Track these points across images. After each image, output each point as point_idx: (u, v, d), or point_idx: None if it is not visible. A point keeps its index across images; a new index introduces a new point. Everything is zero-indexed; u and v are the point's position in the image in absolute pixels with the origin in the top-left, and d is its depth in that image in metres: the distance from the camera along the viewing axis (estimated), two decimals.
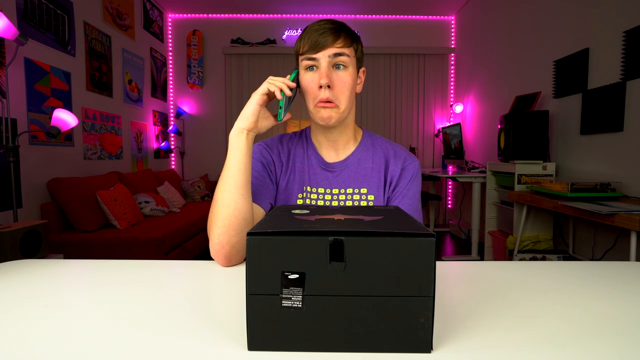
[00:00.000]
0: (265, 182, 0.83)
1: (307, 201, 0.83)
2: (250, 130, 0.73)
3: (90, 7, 3.00)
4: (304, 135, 0.90)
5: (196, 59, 4.52)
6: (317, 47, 0.74)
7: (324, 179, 0.84)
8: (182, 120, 4.58)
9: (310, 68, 0.77)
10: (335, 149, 0.85)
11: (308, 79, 0.77)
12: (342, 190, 0.83)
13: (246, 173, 0.71)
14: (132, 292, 0.55)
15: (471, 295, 0.55)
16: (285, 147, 0.88)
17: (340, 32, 0.76)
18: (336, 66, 0.76)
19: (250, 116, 0.72)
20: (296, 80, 0.78)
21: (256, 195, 0.80)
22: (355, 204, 0.82)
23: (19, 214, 2.21)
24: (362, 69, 0.84)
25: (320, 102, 0.76)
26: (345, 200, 0.82)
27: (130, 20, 3.61)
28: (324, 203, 0.82)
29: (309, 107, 0.80)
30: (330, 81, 0.75)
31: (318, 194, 0.83)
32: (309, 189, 0.83)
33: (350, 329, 0.36)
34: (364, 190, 0.83)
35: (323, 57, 0.75)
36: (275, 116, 0.79)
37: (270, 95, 0.74)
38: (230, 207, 0.69)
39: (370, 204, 0.82)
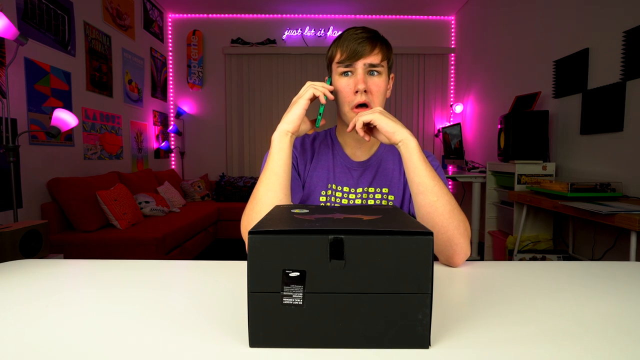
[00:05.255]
0: (296, 179, 0.85)
1: (332, 199, 0.85)
2: (294, 133, 0.75)
3: (90, 7, 3.00)
4: (328, 135, 0.93)
5: (196, 59, 4.53)
6: (356, 56, 0.77)
7: (349, 178, 0.87)
8: (182, 120, 4.59)
9: (345, 74, 0.80)
10: (361, 149, 0.88)
11: (343, 84, 0.80)
12: (365, 189, 0.86)
13: (288, 173, 0.73)
14: (132, 292, 0.55)
15: (470, 294, 0.55)
16: (309, 145, 0.91)
17: (376, 41, 0.79)
18: (370, 72, 0.79)
19: (296, 120, 0.73)
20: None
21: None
22: (377, 202, 0.85)
23: (19, 214, 2.22)
24: (392, 75, 0.87)
25: (356, 107, 0.79)
26: (367, 199, 0.85)
27: (130, 20, 3.62)
28: (348, 202, 0.85)
29: (343, 110, 0.82)
30: (366, 86, 0.78)
31: (343, 192, 0.86)
32: (333, 187, 0.86)
33: (350, 325, 0.37)
34: (385, 190, 0.86)
35: (360, 65, 0.78)
36: (313, 121, 0.81)
37: (311, 100, 0.76)
38: (273, 206, 0.70)
39: (390, 203, 0.85)
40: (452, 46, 4.56)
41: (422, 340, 0.37)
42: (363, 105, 0.79)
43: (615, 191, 1.87)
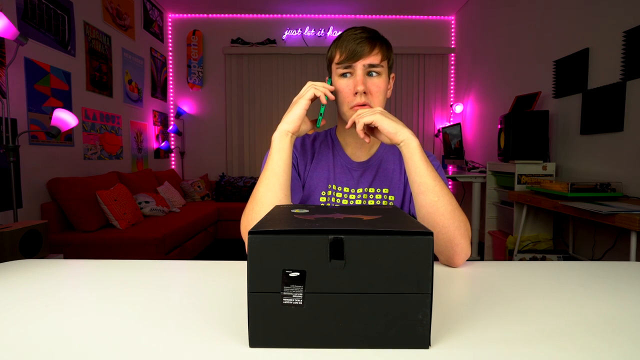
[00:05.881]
0: (296, 179, 0.85)
1: (333, 199, 0.85)
2: (294, 133, 0.75)
3: (90, 7, 3.00)
4: (329, 135, 0.93)
5: (196, 59, 4.52)
6: (355, 57, 0.77)
7: (350, 179, 0.86)
8: (182, 120, 4.59)
9: (344, 75, 0.80)
10: (361, 149, 0.88)
11: (343, 85, 0.80)
12: (365, 190, 0.85)
13: (288, 174, 0.73)
14: (132, 292, 0.55)
15: (470, 294, 0.55)
16: (309, 146, 0.91)
17: (375, 41, 0.79)
18: (369, 73, 0.79)
19: (296, 120, 0.73)
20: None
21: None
22: (377, 203, 0.85)
23: (19, 214, 2.21)
24: (392, 75, 0.87)
25: (356, 106, 0.79)
26: (367, 200, 0.85)
27: (130, 20, 3.62)
28: (348, 202, 0.85)
29: (343, 110, 0.82)
30: (366, 87, 0.78)
31: (343, 192, 0.86)
32: (334, 187, 0.86)
33: (350, 325, 0.37)
34: (385, 191, 0.85)
35: (359, 66, 0.78)
36: (313, 121, 0.81)
37: (312, 100, 0.76)
38: (273, 207, 0.70)
39: (391, 204, 0.85)
40: (452, 46, 4.56)
41: (422, 340, 0.37)
42: (362, 105, 0.79)
43: (615, 191, 1.87)
